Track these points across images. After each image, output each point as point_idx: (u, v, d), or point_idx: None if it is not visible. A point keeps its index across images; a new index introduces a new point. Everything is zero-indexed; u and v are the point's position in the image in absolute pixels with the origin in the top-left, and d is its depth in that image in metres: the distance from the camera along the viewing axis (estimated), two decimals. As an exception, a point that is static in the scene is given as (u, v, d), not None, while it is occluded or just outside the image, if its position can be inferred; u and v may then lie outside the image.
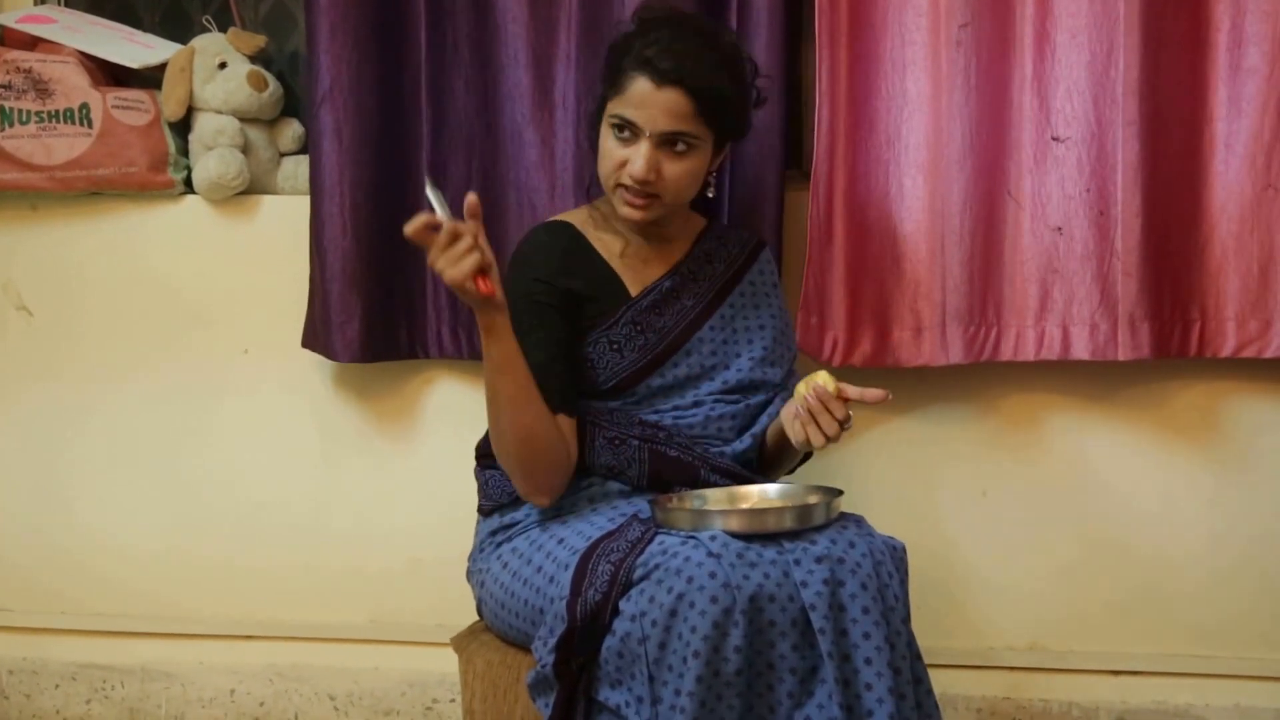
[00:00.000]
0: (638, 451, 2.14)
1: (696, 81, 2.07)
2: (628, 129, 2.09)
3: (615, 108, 2.10)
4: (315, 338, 2.69)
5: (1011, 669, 2.70)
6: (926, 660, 1.97)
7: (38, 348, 2.88)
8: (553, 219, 2.26)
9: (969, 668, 2.70)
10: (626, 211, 2.14)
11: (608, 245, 2.22)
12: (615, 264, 2.21)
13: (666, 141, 2.10)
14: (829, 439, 1.97)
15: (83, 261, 2.85)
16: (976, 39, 2.47)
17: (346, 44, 2.59)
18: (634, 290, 2.21)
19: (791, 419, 2.02)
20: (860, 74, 2.53)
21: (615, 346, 2.17)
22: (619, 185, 2.13)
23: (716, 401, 2.21)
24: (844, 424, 1.98)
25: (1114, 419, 2.64)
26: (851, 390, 1.98)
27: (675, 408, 2.20)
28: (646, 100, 2.07)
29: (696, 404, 2.21)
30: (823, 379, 1.98)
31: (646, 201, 2.13)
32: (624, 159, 2.11)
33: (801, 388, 1.99)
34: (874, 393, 1.98)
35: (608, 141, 2.13)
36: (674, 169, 2.12)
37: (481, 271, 1.89)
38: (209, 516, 2.87)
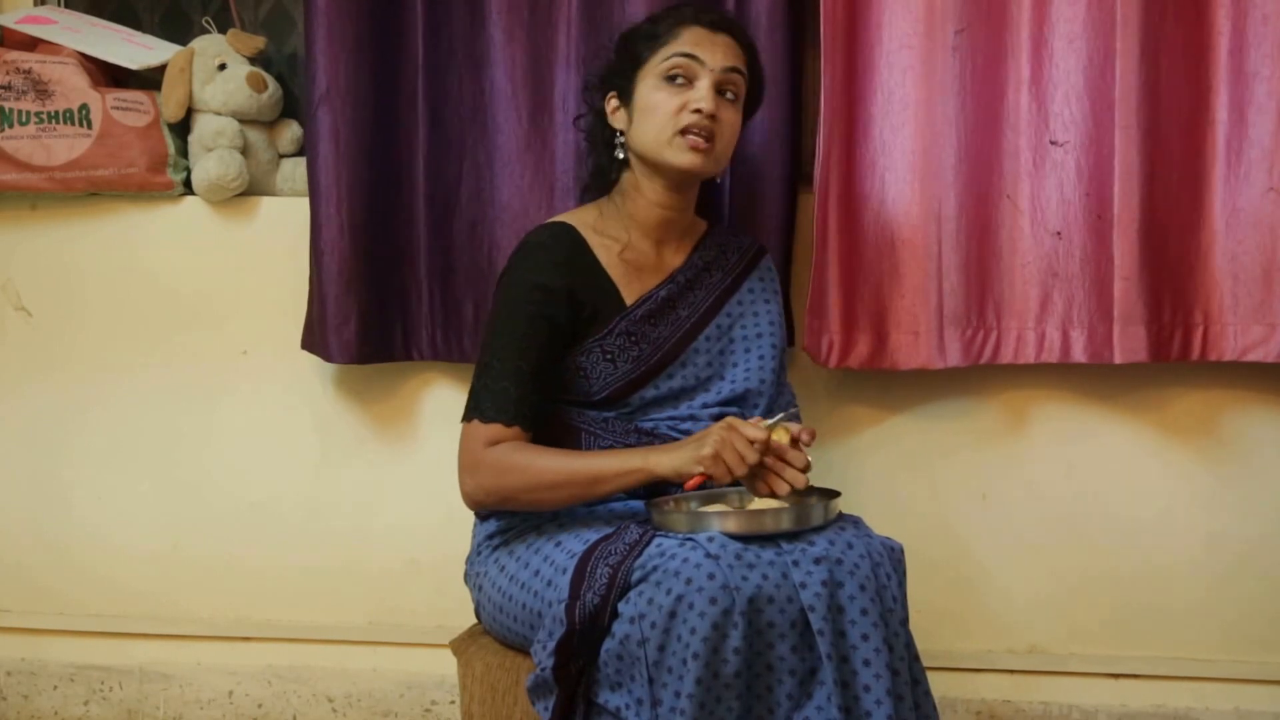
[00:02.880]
0: None
1: (741, 31, 2.22)
2: (685, 69, 2.15)
3: (670, 50, 2.16)
4: (313, 339, 2.71)
5: (1011, 672, 2.72)
6: (925, 663, 1.99)
7: (37, 348, 2.90)
8: (555, 219, 2.26)
9: (968, 670, 2.72)
10: (688, 158, 2.15)
11: (607, 248, 2.22)
12: (613, 269, 2.21)
13: (721, 85, 2.16)
14: (794, 489, 1.98)
15: (82, 262, 2.87)
16: (972, 44, 2.49)
17: (344, 46, 2.60)
18: (629, 299, 2.21)
19: (750, 479, 2.01)
20: (856, 78, 2.55)
21: (608, 356, 2.18)
22: (680, 131, 2.15)
23: (713, 416, 2.22)
24: (805, 470, 1.99)
25: (1114, 423, 2.66)
26: (805, 434, 1.99)
27: (671, 417, 2.22)
28: (703, 41, 2.16)
29: (692, 417, 2.22)
30: (777, 436, 1.98)
31: (709, 145, 2.16)
32: (684, 100, 2.14)
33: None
34: (808, 432, 2.01)
35: (659, 93, 2.16)
36: (728, 114, 2.18)
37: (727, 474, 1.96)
38: (207, 517, 2.88)
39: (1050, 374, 2.64)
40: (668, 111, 2.15)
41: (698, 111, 2.13)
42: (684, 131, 2.14)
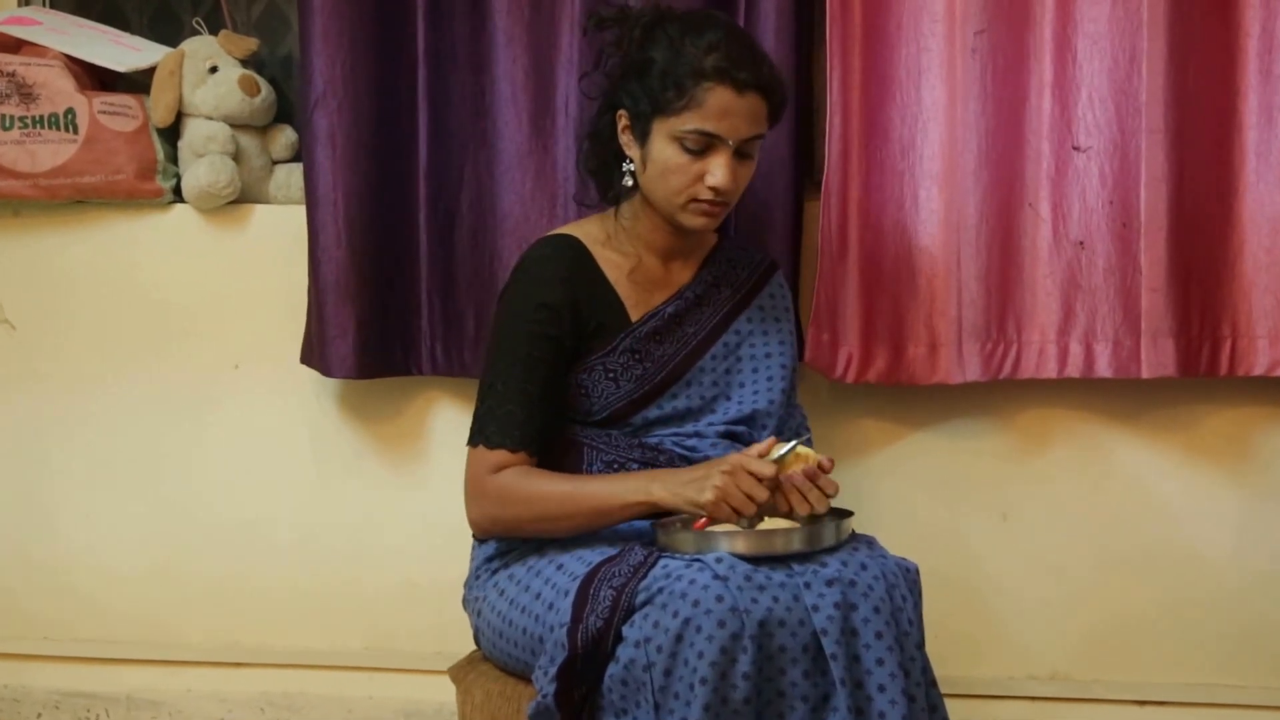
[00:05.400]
0: None
1: (771, 84, 2.12)
2: (704, 143, 2.09)
3: (690, 122, 2.07)
4: (311, 353, 2.71)
5: (1032, 699, 2.71)
6: (943, 690, 1.98)
7: (20, 361, 2.90)
8: (559, 232, 2.26)
9: (988, 697, 2.70)
10: (700, 222, 2.14)
11: (615, 265, 2.22)
12: (620, 286, 2.21)
13: (739, 151, 2.11)
14: (815, 511, 1.99)
15: (68, 272, 2.87)
16: (993, 45, 2.48)
17: (341, 46, 2.60)
18: (635, 315, 2.21)
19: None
20: (873, 82, 2.54)
21: (611, 375, 2.18)
22: (693, 199, 2.12)
23: (720, 436, 2.22)
24: (832, 496, 2.00)
25: (1140, 440, 2.65)
26: (825, 460, 2.00)
27: (676, 433, 2.22)
28: (730, 110, 2.08)
29: (698, 434, 2.22)
30: (805, 454, 1.98)
31: (722, 210, 2.15)
32: (700, 172, 2.10)
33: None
34: (827, 460, 2.01)
35: (675, 157, 2.10)
36: (743, 172, 2.15)
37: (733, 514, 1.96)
38: (199, 537, 2.88)
39: (1073, 389, 2.63)
40: (681, 180, 2.11)
41: (713, 188, 2.10)
42: (696, 200, 2.13)
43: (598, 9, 2.35)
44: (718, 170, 2.09)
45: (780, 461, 1.96)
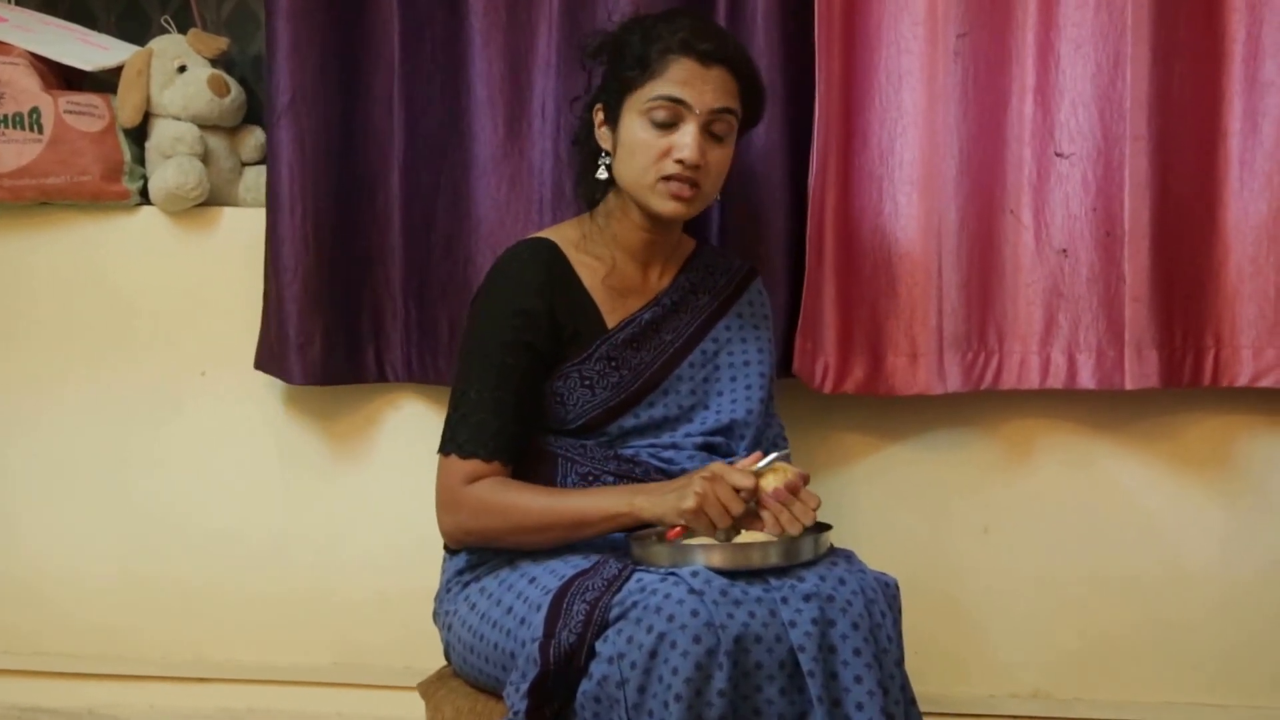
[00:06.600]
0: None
1: (738, 60, 2.15)
2: (670, 113, 2.10)
3: (656, 89, 2.10)
4: (270, 359, 2.70)
5: (1014, 718, 2.70)
6: (923, 708, 1.98)
7: (-18, 364, 2.88)
8: (535, 236, 2.25)
9: (968, 716, 2.70)
10: (671, 206, 2.14)
11: (590, 269, 2.21)
12: (596, 292, 2.20)
13: (709, 125, 2.11)
14: (804, 527, 1.98)
15: (31, 276, 2.85)
16: (975, 49, 2.49)
17: (312, 47, 2.59)
18: (611, 322, 2.20)
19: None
20: (854, 86, 2.55)
21: (586, 383, 2.17)
22: (662, 178, 2.12)
23: (697, 448, 2.21)
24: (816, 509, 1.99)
25: (1124, 451, 2.65)
26: (800, 479, 1.99)
27: (652, 444, 2.20)
28: (693, 78, 2.10)
29: (674, 445, 2.21)
30: (783, 469, 1.98)
31: (693, 192, 2.14)
32: (667, 146, 2.11)
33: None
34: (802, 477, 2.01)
35: (643, 133, 2.12)
36: (715, 155, 2.14)
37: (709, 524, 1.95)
38: (162, 548, 2.86)
39: (1055, 400, 2.63)
40: (649, 156, 2.12)
41: (680, 162, 2.10)
42: (666, 178, 2.12)
43: (586, 39, 2.34)
44: (684, 142, 2.09)
45: (758, 475, 1.95)
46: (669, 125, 2.10)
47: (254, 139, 2.84)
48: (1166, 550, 2.65)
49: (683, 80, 2.10)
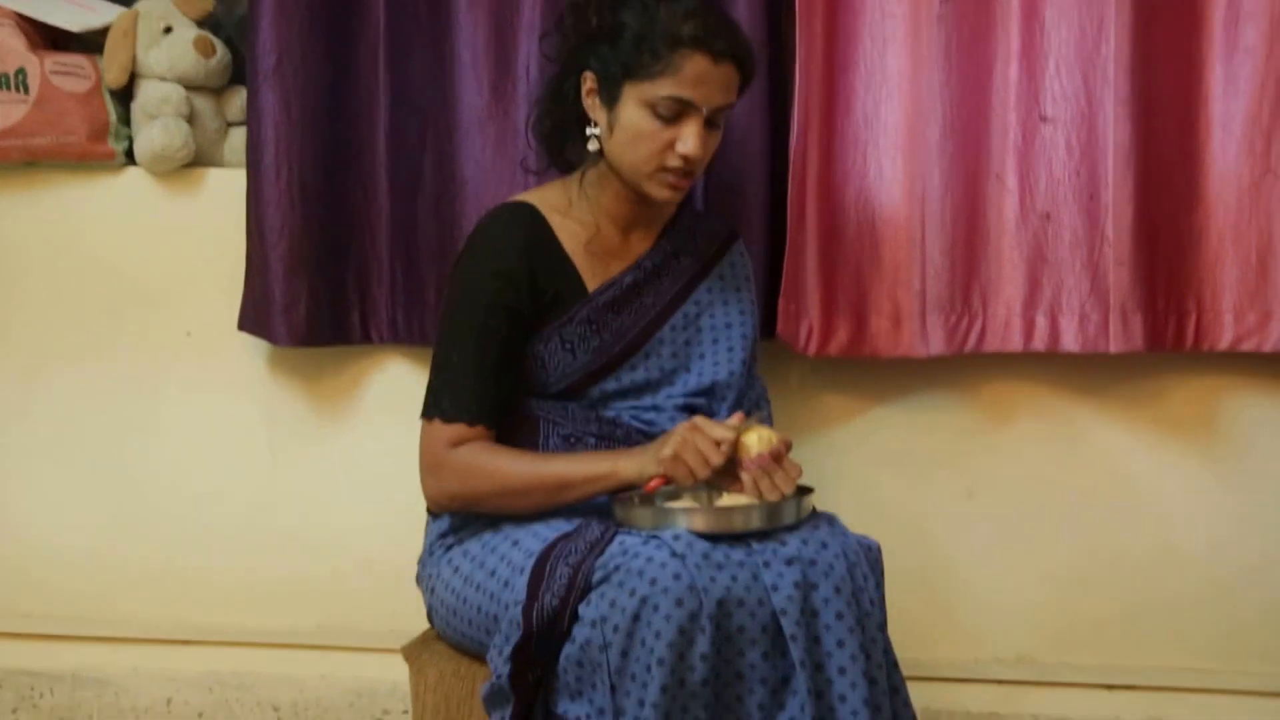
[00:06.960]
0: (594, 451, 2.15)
1: (744, 54, 2.12)
2: (676, 109, 2.07)
3: (665, 89, 2.06)
4: (254, 320, 2.70)
5: (998, 682, 2.71)
6: (906, 673, 1.99)
7: (-36, 330, 2.88)
8: (516, 199, 2.24)
9: (952, 680, 2.71)
10: (667, 195, 2.14)
11: (572, 233, 2.20)
12: (576, 256, 2.20)
13: (710, 118, 2.11)
14: (784, 495, 1.98)
15: (16, 237, 2.84)
16: (960, 13, 2.48)
17: (297, 10, 2.59)
18: (592, 285, 2.19)
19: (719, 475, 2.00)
20: (837, 50, 2.54)
21: (568, 346, 2.17)
22: (662, 168, 2.11)
23: (678, 409, 2.21)
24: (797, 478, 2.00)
25: (1108, 415, 2.65)
26: (782, 444, 1.99)
27: (634, 407, 2.21)
28: (705, 78, 2.07)
29: (655, 407, 2.21)
30: (768, 435, 1.97)
31: (689, 181, 2.15)
32: (670, 139, 2.09)
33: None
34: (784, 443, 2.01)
35: (645, 123, 2.09)
36: (711, 143, 2.14)
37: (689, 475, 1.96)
38: (146, 512, 2.86)
39: (1038, 363, 2.63)
40: (651, 148, 2.10)
41: (683, 156, 2.09)
42: (665, 169, 2.11)
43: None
44: (689, 138, 2.08)
45: (739, 434, 1.96)
46: (672, 119, 2.08)
47: (240, 100, 2.82)
48: (1149, 513, 2.66)
49: (694, 81, 2.06)
